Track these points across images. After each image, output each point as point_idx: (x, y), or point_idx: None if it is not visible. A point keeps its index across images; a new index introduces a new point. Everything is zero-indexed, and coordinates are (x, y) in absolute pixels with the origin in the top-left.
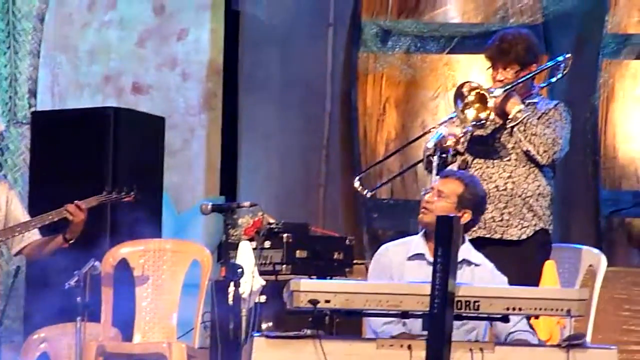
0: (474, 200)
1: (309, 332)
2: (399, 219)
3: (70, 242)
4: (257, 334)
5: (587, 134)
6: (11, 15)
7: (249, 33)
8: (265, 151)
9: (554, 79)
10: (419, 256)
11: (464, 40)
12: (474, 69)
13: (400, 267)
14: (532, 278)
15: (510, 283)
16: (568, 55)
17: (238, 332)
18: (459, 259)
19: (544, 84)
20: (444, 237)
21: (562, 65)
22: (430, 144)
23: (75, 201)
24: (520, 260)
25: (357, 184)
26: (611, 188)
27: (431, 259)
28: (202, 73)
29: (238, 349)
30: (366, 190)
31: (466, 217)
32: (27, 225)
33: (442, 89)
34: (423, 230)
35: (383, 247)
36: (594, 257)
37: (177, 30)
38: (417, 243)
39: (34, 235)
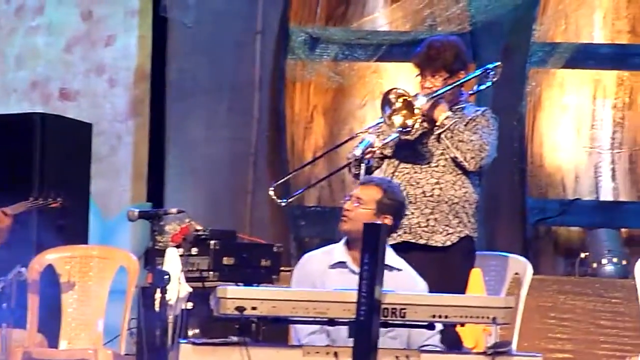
0: (394, 206)
1: (235, 339)
2: (326, 227)
3: None
4: (184, 341)
5: (514, 142)
6: None
7: (176, 40)
8: (193, 158)
9: (483, 87)
10: (341, 264)
11: (392, 48)
12: (402, 76)
13: (322, 276)
14: (456, 284)
15: (435, 289)
16: (497, 63)
17: (164, 338)
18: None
19: (473, 92)
20: (370, 244)
21: (491, 73)
22: (358, 151)
23: (1, 208)
24: (445, 266)
25: (272, 192)
26: (537, 196)
27: (353, 267)
28: (129, 79)
29: (164, 356)
30: (281, 199)
31: (386, 222)
32: None
33: (370, 97)
34: (345, 238)
35: (305, 256)
36: (520, 265)
37: (105, 37)
38: (338, 251)
39: None
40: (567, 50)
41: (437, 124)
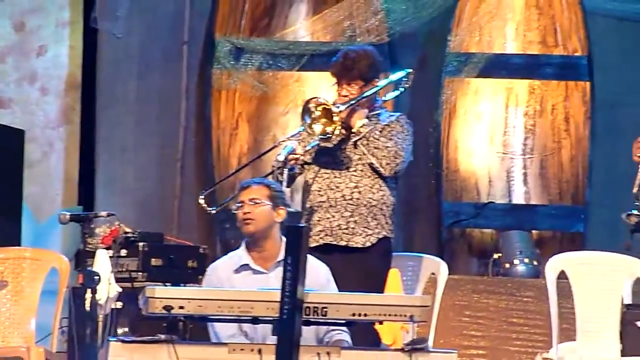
0: (281, 196)
1: (163, 337)
2: None
3: None
4: (113, 339)
5: (430, 148)
6: None
7: (106, 50)
8: (123, 164)
9: (397, 93)
10: (244, 267)
11: (313, 58)
12: (323, 85)
13: (229, 281)
14: (375, 283)
15: (355, 288)
16: (410, 71)
17: (95, 336)
18: (280, 259)
19: (388, 99)
20: (293, 246)
21: (404, 80)
22: (281, 157)
23: None
24: (365, 266)
25: (201, 201)
26: (453, 200)
27: (256, 267)
28: (60, 88)
29: (94, 353)
30: (211, 207)
31: (282, 213)
32: None
33: (293, 105)
34: (245, 242)
35: (210, 266)
36: (435, 266)
37: (37, 47)
38: (240, 255)
39: None
40: (480, 60)
41: (354, 131)
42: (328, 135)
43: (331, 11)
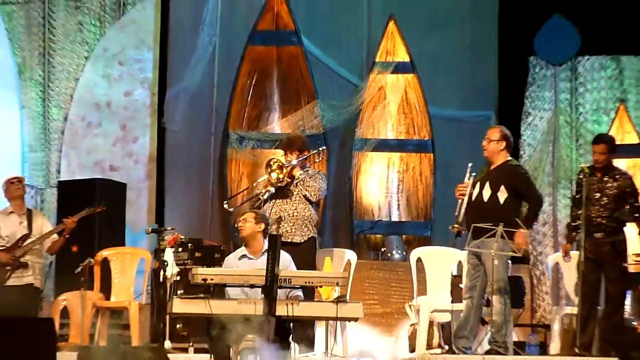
0: (264, 217)
1: (202, 295)
2: None
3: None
4: (175, 297)
5: (346, 189)
6: None
7: (170, 139)
8: (177, 202)
9: (317, 160)
10: (244, 256)
11: (280, 142)
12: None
13: (236, 265)
14: (307, 262)
15: (298, 267)
16: (323, 148)
17: (165, 295)
18: (263, 250)
19: (317, 161)
20: (273, 246)
21: (320, 153)
22: (260, 190)
23: (70, 217)
24: (302, 253)
25: (225, 205)
26: (359, 219)
27: (250, 256)
28: (145, 160)
29: (165, 304)
30: (227, 208)
31: (262, 226)
32: (46, 235)
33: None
34: (244, 242)
35: (227, 257)
36: (350, 255)
37: (132, 137)
38: (242, 249)
39: (51, 240)
40: (373, 142)
41: (295, 177)
42: (280, 180)
43: (292, 117)
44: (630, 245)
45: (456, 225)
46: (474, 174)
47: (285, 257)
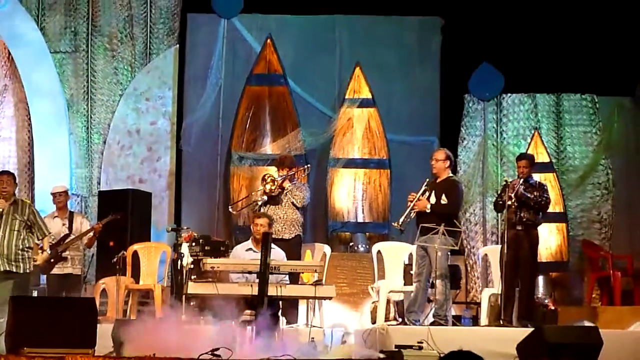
0: (272, 222)
1: (210, 279)
2: (247, 234)
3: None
4: (190, 280)
5: (323, 197)
6: None
7: (185, 158)
8: (192, 206)
9: (304, 174)
10: (250, 249)
11: (272, 161)
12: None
13: (242, 254)
14: (294, 255)
15: (287, 256)
16: (308, 165)
17: (182, 280)
18: None
19: (300, 176)
20: (266, 242)
21: (307, 169)
22: (263, 198)
23: (99, 222)
24: (290, 248)
25: (230, 208)
26: (332, 220)
27: (255, 249)
28: (166, 174)
29: (181, 288)
30: (232, 210)
31: (271, 230)
32: (81, 236)
33: (264, 182)
34: (252, 238)
35: (234, 248)
36: (326, 249)
37: (157, 157)
38: (248, 243)
39: (87, 238)
40: (343, 161)
41: (285, 188)
42: (272, 191)
43: (280, 141)
44: (542, 239)
45: (396, 224)
46: (425, 185)
47: (280, 253)
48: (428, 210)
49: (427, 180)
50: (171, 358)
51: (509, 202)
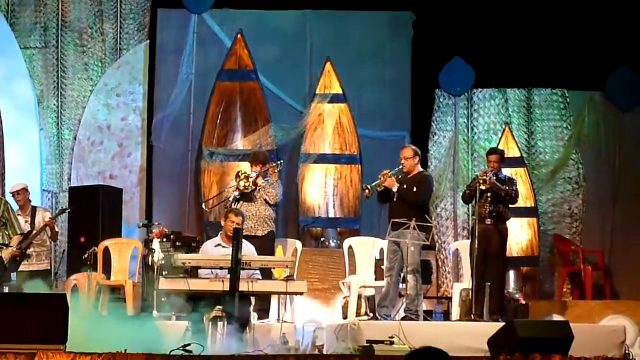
0: (244, 219)
1: (181, 275)
2: (217, 229)
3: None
4: (161, 276)
5: (294, 193)
6: None
7: (156, 153)
8: (162, 201)
9: (276, 171)
10: (219, 245)
11: (243, 157)
12: (246, 167)
13: (211, 250)
14: (268, 250)
15: (259, 253)
16: (281, 161)
17: (153, 275)
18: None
19: (273, 172)
20: (237, 237)
21: (280, 165)
22: (236, 193)
23: (50, 217)
24: (263, 244)
25: (203, 205)
26: (303, 215)
27: (224, 245)
28: (137, 170)
29: (154, 283)
30: (204, 207)
31: (243, 226)
32: (40, 230)
33: (235, 177)
34: (220, 234)
35: (203, 244)
36: (297, 244)
37: (127, 152)
38: (217, 239)
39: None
40: (314, 156)
41: (258, 184)
42: (246, 187)
43: (251, 136)
44: (513, 234)
45: (366, 186)
46: (397, 173)
47: (250, 248)
48: (394, 190)
49: (401, 168)
50: (142, 354)
51: (483, 187)
